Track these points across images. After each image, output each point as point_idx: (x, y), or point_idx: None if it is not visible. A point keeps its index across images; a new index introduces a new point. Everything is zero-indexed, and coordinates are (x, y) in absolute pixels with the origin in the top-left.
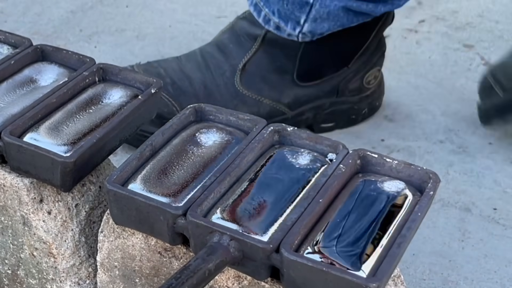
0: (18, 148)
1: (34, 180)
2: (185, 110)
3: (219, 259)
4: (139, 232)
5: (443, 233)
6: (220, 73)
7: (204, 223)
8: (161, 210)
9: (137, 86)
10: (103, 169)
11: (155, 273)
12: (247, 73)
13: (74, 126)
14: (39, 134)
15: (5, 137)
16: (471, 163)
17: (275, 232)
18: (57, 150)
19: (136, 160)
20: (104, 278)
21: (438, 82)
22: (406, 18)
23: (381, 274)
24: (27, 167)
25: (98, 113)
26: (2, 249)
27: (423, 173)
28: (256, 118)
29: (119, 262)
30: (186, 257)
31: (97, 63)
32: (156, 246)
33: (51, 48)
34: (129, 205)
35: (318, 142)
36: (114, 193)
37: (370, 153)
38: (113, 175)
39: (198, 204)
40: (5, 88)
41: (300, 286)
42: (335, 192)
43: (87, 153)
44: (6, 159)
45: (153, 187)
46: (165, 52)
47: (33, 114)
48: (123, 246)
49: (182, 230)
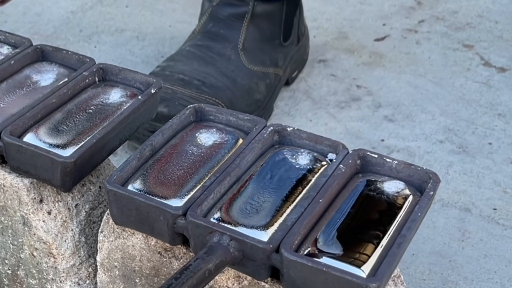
0: (18, 148)
1: (34, 180)
2: (185, 110)
3: (219, 259)
4: (139, 232)
5: (443, 233)
6: (226, 59)
7: (204, 223)
8: (161, 210)
9: (137, 86)
10: (103, 169)
11: (155, 273)
12: (248, 51)
13: (74, 126)
14: (39, 134)
15: (5, 137)
16: (471, 163)
17: (275, 232)
18: (57, 150)
19: (136, 160)
20: (104, 278)
21: (437, 82)
22: (406, 18)
23: (381, 274)
24: (27, 167)
25: (98, 113)
26: (2, 249)
27: (423, 173)
28: (256, 118)
29: (119, 262)
30: (186, 257)
31: (97, 63)
32: (156, 246)
33: (51, 48)
34: (129, 205)
35: (318, 142)
36: (114, 193)
37: (370, 153)
38: (113, 175)
39: (198, 204)
40: (5, 88)
41: (300, 286)
42: (335, 192)
43: (87, 153)
44: (6, 159)
45: (153, 187)
46: (165, 52)
47: (33, 114)
48: (123, 246)
49: (182, 230)
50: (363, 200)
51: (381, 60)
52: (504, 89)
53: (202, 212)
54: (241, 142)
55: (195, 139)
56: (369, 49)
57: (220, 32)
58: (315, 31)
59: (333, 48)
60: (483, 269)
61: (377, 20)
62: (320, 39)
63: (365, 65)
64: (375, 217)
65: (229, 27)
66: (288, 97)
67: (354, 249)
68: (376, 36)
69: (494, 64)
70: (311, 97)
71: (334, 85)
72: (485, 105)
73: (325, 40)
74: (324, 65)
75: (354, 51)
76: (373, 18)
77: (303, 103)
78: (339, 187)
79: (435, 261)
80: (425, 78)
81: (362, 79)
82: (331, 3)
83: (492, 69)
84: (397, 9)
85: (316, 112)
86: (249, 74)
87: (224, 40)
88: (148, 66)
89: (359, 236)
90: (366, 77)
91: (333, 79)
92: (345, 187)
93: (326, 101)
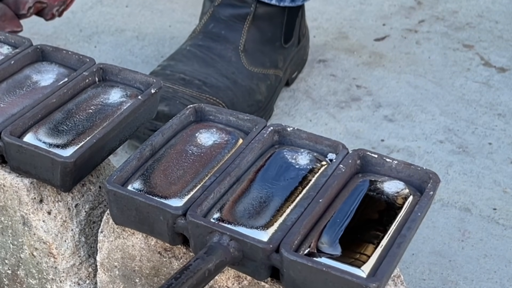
0: (18, 148)
1: (34, 180)
2: (185, 110)
3: (219, 259)
4: (139, 232)
5: (443, 233)
6: (227, 60)
7: (204, 223)
8: (161, 210)
9: (137, 86)
10: (103, 169)
11: (155, 273)
12: (248, 53)
13: (74, 126)
14: (39, 134)
15: (5, 137)
16: (471, 163)
17: (275, 232)
18: (57, 150)
19: (136, 160)
20: (104, 278)
21: (437, 82)
22: (406, 18)
23: (381, 274)
24: (27, 167)
25: (98, 113)
26: (2, 249)
27: (423, 173)
28: (256, 118)
29: (119, 262)
30: (186, 257)
31: (97, 63)
32: (156, 246)
33: (51, 48)
34: (129, 205)
35: (318, 142)
36: (114, 193)
37: (370, 153)
38: (113, 175)
39: (198, 204)
40: (5, 88)
41: (300, 286)
42: (335, 192)
43: (87, 153)
44: (6, 159)
45: (153, 187)
46: (165, 52)
47: (33, 114)
48: (123, 246)
49: (182, 230)
50: (363, 200)
51: (381, 60)
52: (504, 89)
53: (202, 212)
54: (241, 142)
55: (195, 139)
56: (369, 49)
57: (221, 33)
58: (315, 31)
59: (333, 48)
60: (483, 269)
61: (377, 20)
62: (320, 39)
63: (365, 65)
64: (375, 217)
65: (230, 28)
66: (288, 97)
67: (354, 249)
68: (376, 36)
69: (494, 64)
70: (311, 97)
71: (334, 85)
72: (485, 105)
73: (325, 40)
74: (324, 65)
75: (354, 51)
76: (373, 18)
77: (303, 103)
78: (339, 187)
79: (435, 261)
80: (425, 78)
81: (362, 79)
82: (331, 3)
83: (492, 69)
84: (397, 9)
85: (316, 112)
86: (249, 75)
87: (225, 41)
88: (148, 66)
89: (359, 236)
90: (366, 77)
91: (333, 79)
92: (345, 187)
93: (326, 101)
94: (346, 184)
